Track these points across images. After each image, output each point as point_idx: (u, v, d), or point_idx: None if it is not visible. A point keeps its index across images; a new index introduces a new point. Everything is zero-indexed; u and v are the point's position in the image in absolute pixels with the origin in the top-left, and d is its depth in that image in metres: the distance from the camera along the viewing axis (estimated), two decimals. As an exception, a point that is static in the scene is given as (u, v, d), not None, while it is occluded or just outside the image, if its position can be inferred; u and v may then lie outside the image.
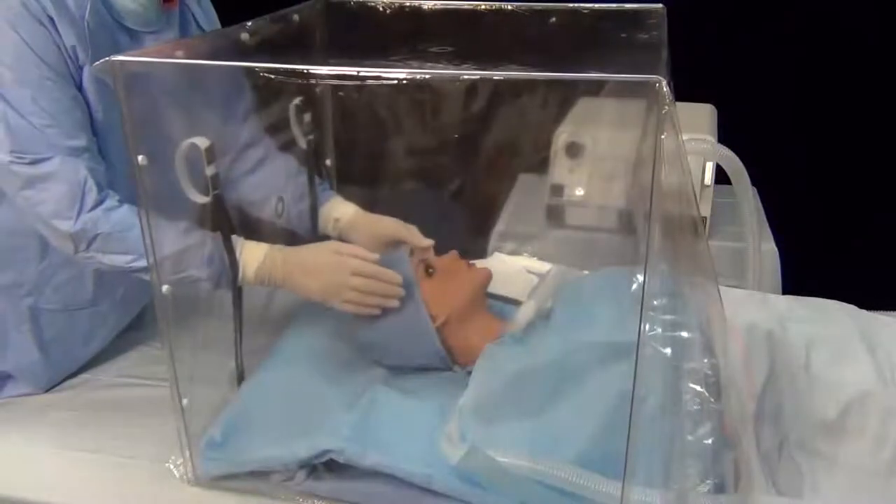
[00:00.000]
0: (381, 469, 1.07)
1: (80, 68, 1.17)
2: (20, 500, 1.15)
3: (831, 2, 2.12)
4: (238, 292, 1.21)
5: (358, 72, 0.91)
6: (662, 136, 0.79)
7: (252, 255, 1.19)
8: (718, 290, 1.00)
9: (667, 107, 0.78)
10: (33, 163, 1.13)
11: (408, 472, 1.06)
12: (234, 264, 1.18)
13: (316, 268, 1.22)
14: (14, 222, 1.25)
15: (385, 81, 0.91)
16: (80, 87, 1.18)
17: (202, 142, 1.10)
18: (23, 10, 1.11)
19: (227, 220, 1.17)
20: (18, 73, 1.11)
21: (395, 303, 1.22)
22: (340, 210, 1.45)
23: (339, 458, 1.07)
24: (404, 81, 0.90)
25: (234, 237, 1.19)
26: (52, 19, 1.13)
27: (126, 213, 1.15)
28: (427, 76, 0.95)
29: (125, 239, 1.13)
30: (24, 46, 1.11)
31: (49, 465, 1.20)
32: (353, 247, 1.26)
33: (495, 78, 0.93)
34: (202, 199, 1.13)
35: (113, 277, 1.33)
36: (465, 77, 0.94)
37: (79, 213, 1.14)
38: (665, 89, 0.78)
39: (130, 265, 1.16)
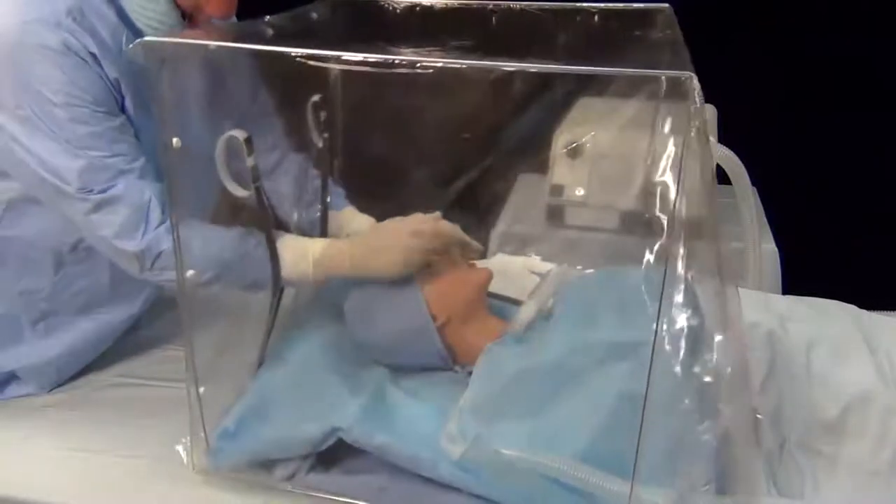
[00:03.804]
0: (388, 451, 1.07)
1: (123, 97, 1.19)
2: (20, 500, 1.15)
3: (832, 2, 2.12)
4: (279, 290, 1.22)
5: (383, 58, 0.90)
6: (692, 134, 0.79)
7: (304, 247, 1.20)
8: (727, 290, 0.99)
9: (697, 102, 0.77)
10: (101, 192, 1.15)
11: (414, 456, 1.06)
12: (275, 259, 1.19)
13: (380, 243, 1.24)
14: (34, 236, 1.27)
15: (398, 70, 0.90)
16: (122, 110, 1.20)
17: (241, 133, 1.11)
18: (66, 50, 1.13)
19: (269, 213, 1.18)
20: (71, 112, 1.13)
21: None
22: (356, 223, 1.45)
23: (347, 437, 1.08)
24: (417, 69, 0.90)
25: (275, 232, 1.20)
26: (94, 56, 1.15)
27: None
28: (439, 65, 0.92)
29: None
30: (71, 85, 1.13)
31: (50, 465, 1.20)
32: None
33: (507, 70, 0.91)
34: (243, 193, 1.14)
35: (131, 286, 1.36)
36: (468, 72, 0.93)
37: (144, 233, 1.16)
38: (696, 85, 0.77)
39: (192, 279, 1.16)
